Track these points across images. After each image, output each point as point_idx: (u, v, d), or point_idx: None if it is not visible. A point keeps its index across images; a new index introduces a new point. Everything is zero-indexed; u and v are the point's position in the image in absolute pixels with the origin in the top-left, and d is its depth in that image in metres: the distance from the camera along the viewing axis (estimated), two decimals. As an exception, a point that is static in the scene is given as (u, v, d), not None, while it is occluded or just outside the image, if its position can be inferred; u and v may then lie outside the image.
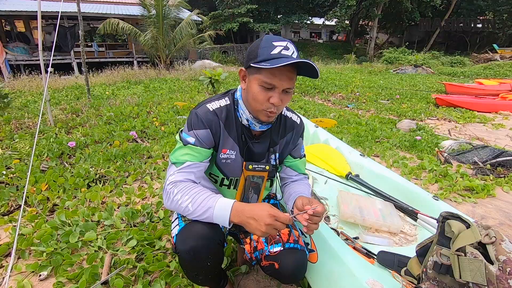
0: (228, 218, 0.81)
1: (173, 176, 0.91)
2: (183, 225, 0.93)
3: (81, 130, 3.23)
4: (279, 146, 1.10)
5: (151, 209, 1.83)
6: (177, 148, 0.96)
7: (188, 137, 0.94)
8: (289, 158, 1.15)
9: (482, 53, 19.84)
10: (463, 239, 0.71)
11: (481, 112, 5.34)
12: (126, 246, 1.53)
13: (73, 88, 6.39)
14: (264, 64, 0.81)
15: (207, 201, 0.83)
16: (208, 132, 0.95)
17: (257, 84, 0.87)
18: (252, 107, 0.93)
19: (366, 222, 1.39)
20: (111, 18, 12.37)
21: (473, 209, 1.97)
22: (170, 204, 0.88)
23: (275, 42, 0.85)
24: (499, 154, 2.62)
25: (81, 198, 1.94)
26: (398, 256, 1.13)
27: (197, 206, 0.83)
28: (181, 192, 0.86)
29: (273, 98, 0.87)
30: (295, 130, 1.12)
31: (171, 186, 0.89)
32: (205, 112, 0.97)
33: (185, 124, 0.99)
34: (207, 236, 0.89)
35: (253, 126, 0.99)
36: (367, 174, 1.81)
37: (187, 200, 0.84)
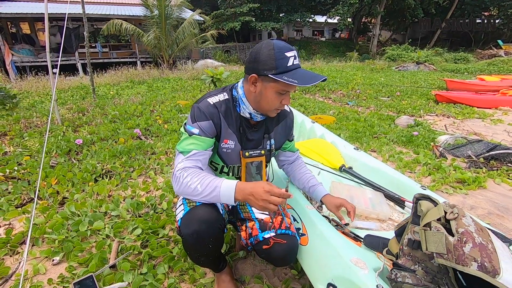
0: (233, 196, 0.90)
1: (182, 163, 1.00)
2: (188, 209, 1.03)
3: (87, 128, 3.35)
4: (275, 133, 1.23)
5: (155, 201, 1.94)
6: (183, 139, 1.06)
7: (193, 129, 1.04)
8: (287, 143, 1.34)
9: (487, 49, 19.67)
10: (430, 216, 0.80)
11: (481, 108, 5.37)
12: (132, 234, 1.64)
13: (78, 88, 6.54)
14: (291, 80, 0.94)
15: (214, 181, 0.92)
16: (211, 123, 1.06)
17: (273, 91, 1.00)
18: (264, 108, 1.06)
19: (356, 210, 1.47)
20: (115, 19, 12.52)
21: (463, 199, 2.05)
22: (180, 187, 0.95)
23: (287, 53, 0.96)
24: (492, 148, 2.68)
25: (89, 192, 2.05)
26: (383, 239, 1.22)
27: (205, 186, 0.91)
28: (190, 175, 0.95)
29: (285, 100, 1.04)
30: (288, 118, 1.29)
31: (181, 171, 0.98)
32: (207, 106, 1.07)
33: (188, 117, 1.10)
34: (209, 220, 0.99)
35: (255, 117, 1.12)
36: (360, 167, 1.89)
37: (196, 181, 0.93)
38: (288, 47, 0.98)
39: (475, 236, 0.71)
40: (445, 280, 0.80)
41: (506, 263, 0.67)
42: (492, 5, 22.21)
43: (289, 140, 1.33)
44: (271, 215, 1.17)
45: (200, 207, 1.02)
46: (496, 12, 22.53)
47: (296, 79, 0.94)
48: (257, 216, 1.18)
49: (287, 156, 1.39)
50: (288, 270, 1.43)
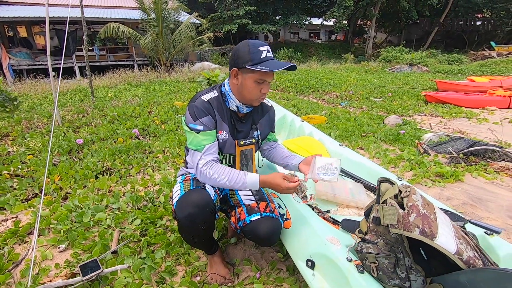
0: (257, 186, 1.17)
1: (203, 159, 1.19)
2: (183, 193, 1.17)
3: (87, 129, 3.47)
4: (260, 125, 1.40)
5: (153, 195, 2.07)
6: (192, 138, 1.21)
7: (197, 126, 1.20)
8: (271, 134, 1.51)
9: (480, 50, 20.00)
10: (387, 194, 0.94)
11: (469, 108, 5.55)
12: (131, 224, 1.77)
13: (76, 91, 6.65)
14: (263, 68, 1.11)
15: (240, 178, 1.15)
16: (210, 118, 1.22)
17: (252, 81, 1.17)
18: (246, 98, 1.22)
19: (337, 199, 1.62)
20: (112, 22, 12.64)
21: (441, 192, 2.20)
22: (208, 180, 1.17)
23: (260, 48, 1.14)
24: (472, 144, 2.83)
25: (90, 187, 2.18)
26: (358, 222, 1.36)
27: (233, 182, 1.15)
28: (217, 172, 1.15)
29: (264, 89, 1.19)
30: (271, 111, 1.47)
31: (206, 168, 1.17)
32: (202, 103, 1.22)
33: (188, 116, 1.23)
34: (202, 205, 1.14)
35: (242, 109, 1.28)
36: (344, 161, 2.03)
37: (224, 178, 1.14)
38: (261, 43, 1.16)
39: (420, 209, 0.85)
40: (400, 249, 0.94)
41: (443, 229, 0.81)
42: (485, 7, 22.60)
43: (272, 131, 1.50)
44: (257, 200, 1.31)
45: (194, 191, 1.16)
46: (489, 14, 22.92)
47: (267, 66, 1.11)
48: (245, 202, 1.32)
49: (270, 145, 1.55)
50: (274, 253, 1.56)
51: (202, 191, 1.17)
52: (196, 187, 1.19)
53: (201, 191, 1.17)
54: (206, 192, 1.17)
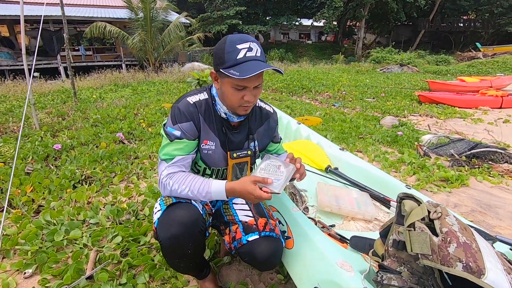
0: (225, 197, 0.96)
1: (166, 170, 1.00)
2: (164, 208, 0.98)
3: (67, 133, 3.22)
4: (258, 134, 1.19)
5: (136, 207, 1.86)
6: (164, 144, 1.03)
7: (174, 131, 1.01)
8: (272, 145, 1.28)
9: (466, 51, 20.42)
10: (414, 215, 0.78)
11: (462, 108, 5.52)
12: (111, 242, 1.56)
13: (59, 92, 6.33)
14: (233, 73, 0.88)
15: (203, 186, 0.95)
16: (191, 124, 1.02)
17: (229, 86, 0.95)
18: (228, 105, 1.02)
19: (342, 211, 1.46)
20: (98, 21, 12.26)
21: (447, 198, 2.07)
22: (169, 193, 0.99)
23: (239, 45, 0.91)
24: (474, 146, 2.74)
25: (66, 199, 1.95)
26: (369, 240, 1.20)
27: (196, 192, 0.95)
28: (177, 182, 0.96)
29: (246, 96, 0.95)
30: (271, 118, 1.23)
31: (166, 179, 0.99)
32: (186, 105, 1.03)
33: (169, 118, 1.05)
34: (188, 223, 0.95)
35: (232, 118, 1.07)
36: (345, 167, 1.89)
37: (185, 188, 0.96)
38: (242, 39, 0.92)
39: (459, 236, 0.69)
40: (430, 281, 0.78)
41: (490, 263, 0.65)
42: (470, 9, 23.10)
43: (274, 141, 1.28)
44: (255, 217, 1.13)
45: (179, 206, 0.97)
46: (474, 16, 23.44)
47: (241, 71, 0.87)
48: (241, 218, 1.14)
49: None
50: (274, 275, 1.39)
51: (188, 206, 0.98)
52: (180, 200, 1.00)
53: (187, 206, 0.98)
54: (193, 207, 0.99)
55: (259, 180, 0.91)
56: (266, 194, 0.92)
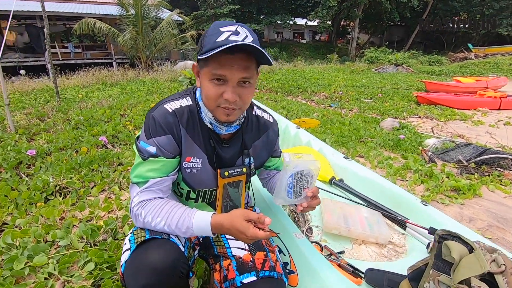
0: (210, 233, 0.76)
1: (137, 196, 0.80)
2: (134, 247, 0.76)
3: (45, 136, 2.96)
4: (254, 149, 0.98)
5: (115, 225, 1.63)
6: (137, 164, 0.82)
7: (148, 147, 0.80)
8: (272, 160, 1.08)
9: (458, 52, 20.59)
10: (467, 268, 0.58)
11: (461, 109, 5.42)
12: (82, 270, 1.33)
13: (43, 91, 6.01)
14: (207, 54, 0.69)
15: (183, 220, 0.76)
16: (170, 138, 0.81)
17: (207, 79, 0.75)
18: (207, 106, 0.81)
19: (351, 234, 1.26)
20: (87, 17, 11.87)
21: (461, 210, 1.90)
22: (143, 225, 0.80)
23: (223, 28, 0.72)
24: (482, 152, 2.58)
25: (35, 215, 1.71)
26: (388, 273, 1.01)
27: (174, 227, 0.76)
28: (150, 214, 0.77)
29: (226, 93, 0.74)
30: (271, 129, 1.02)
31: (137, 208, 0.79)
32: (164, 114, 0.81)
33: (142, 130, 0.83)
34: (164, 269, 0.72)
35: (218, 129, 0.86)
36: (351, 178, 1.69)
37: (161, 221, 0.77)
38: (229, 23, 0.74)
39: (540, 304, 0.50)
40: None
41: None
42: (462, 10, 23.29)
43: (274, 156, 1.08)
44: (252, 251, 0.92)
45: (152, 245, 0.75)
46: (466, 17, 23.64)
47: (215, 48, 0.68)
48: (234, 252, 0.93)
49: (271, 174, 1.14)
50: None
51: (165, 244, 0.76)
52: (154, 236, 0.78)
53: (163, 244, 0.76)
54: (170, 245, 0.77)
55: (253, 218, 0.71)
56: (264, 232, 0.72)
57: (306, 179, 0.85)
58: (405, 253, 1.22)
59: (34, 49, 14.90)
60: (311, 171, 0.84)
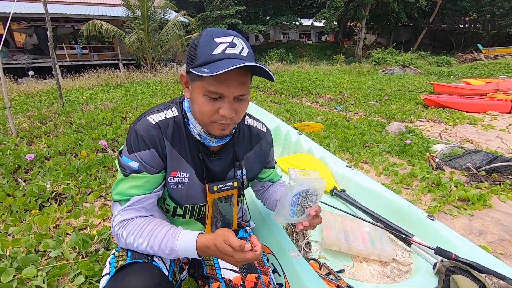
0: (196, 255, 0.71)
1: (119, 216, 0.75)
2: (113, 273, 0.71)
3: (45, 140, 2.94)
4: (246, 161, 0.93)
5: (108, 235, 1.59)
6: (119, 180, 0.77)
7: (130, 162, 0.75)
8: (266, 171, 1.03)
9: (467, 53, 20.20)
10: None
11: (470, 112, 5.26)
12: (72, 283, 1.29)
13: (48, 92, 6.05)
14: (203, 71, 0.62)
15: (166, 241, 0.71)
16: (153, 153, 0.76)
17: (201, 94, 0.69)
18: (200, 121, 0.76)
19: (352, 250, 1.19)
20: (94, 19, 11.99)
21: (470, 223, 1.80)
22: (125, 246, 0.75)
23: (217, 39, 0.66)
24: (493, 159, 2.47)
25: (29, 222, 1.68)
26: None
27: (157, 248, 0.71)
28: (132, 235, 0.73)
29: (222, 109, 0.70)
30: (264, 140, 0.96)
31: (119, 227, 0.74)
32: (146, 127, 0.76)
33: (124, 144, 0.78)
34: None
35: (208, 142, 0.81)
36: (354, 189, 1.62)
37: (143, 242, 0.72)
38: (223, 32, 0.68)
39: None
40: None
41: None
42: (471, 10, 22.87)
43: (267, 167, 1.02)
44: (242, 273, 0.86)
45: (130, 271, 0.70)
46: (475, 17, 23.20)
47: (210, 68, 0.63)
48: (223, 274, 0.87)
49: (265, 186, 1.08)
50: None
51: (145, 269, 0.71)
52: (135, 260, 0.72)
53: (142, 269, 0.71)
54: (152, 269, 0.72)
55: (233, 244, 0.64)
56: (253, 253, 0.66)
57: (311, 198, 0.79)
58: (409, 273, 1.14)
59: (42, 50, 15.13)
60: (317, 190, 0.79)
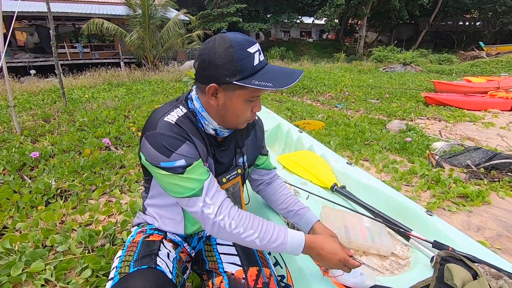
0: (299, 252, 0.80)
1: (210, 205, 0.76)
2: (117, 280, 0.73)
3: (49, 138, 2.98)
4: (246, 147, 1.00)
5: (114, 230, 1.62)
6: (176, 183, 0.77)
7: (175, 162, 0.75)
8: (260, 158, 1.09)
9: (469, 50, 20.13)
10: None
11: (471, 110, 5.28)
12: (79, 277, 1.33)
13: (50, 91, 6.09)
14: (266, 85, 0.71)
15: (277, 235, 0.79)
16: (188, 144, 0.78)
17: (242, 100, 0.77)
18: (231, 122, 0.83)
19: (352, 245, 1.22)
20: (95, 18, 12.01)
21: (468, 219, 1.83)
22: (228, 236, 0.78)
23: (249, 49, 0.73)
24: (492, 157, 2.50)
25: (35, 218, 1.72)
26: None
27: (267, 240, 0.78)
28: (242, 226, 0.77)
29: (256, 107, 0.83)
30: (257, 126, 1.05)
31: (222, 216, 0.77)
32: (169, 127, 0.77)
33: (153, 153, 0.76)
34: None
35: (222, 133, 0.88)
36: (354, 185, 1.65)
37: (253, 234, 0.77)
38: (249, 41, 0.74)
39: None
40: None
41: None
42: (473, 8, 22.74)
43: (262, 154, 1.09)
44: (244, 266, 0.89)
45: (135, 276, 0.72)
46: (477, 14, 23.09)
47: (269, 81, 0.72)
48: (226, 268, 0.90)
49: (261, 174, 1.12)
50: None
51: (150, 274, 0.73)
52: (139, 267, 0.74)
53: (148, 275, 0.73)
54: (156, 274, 0.74)
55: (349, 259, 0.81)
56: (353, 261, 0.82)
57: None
58: (408, 266, 1.17)
59: (43, 49, 15.16)
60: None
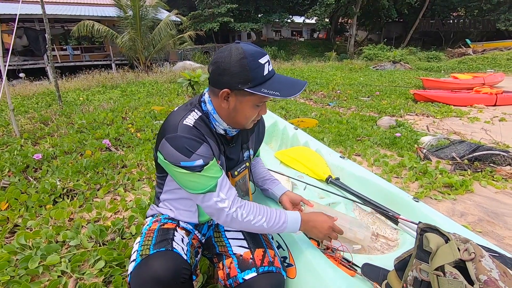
0: (298, 228, 0.97)
1: (225, 200, 0.89)
2: (139, 261, 0.84)
3: (49, 140, 3.03)
4: (251, 142, 1.13)
5: (122, 225, 1.71)
6: (194, 180, 0.87)
7: (195, 162, 0.85)
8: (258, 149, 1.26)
9: (456, 48, 20.60)
10: (442, 256, 0.66)
11: (457, 106, 5.49)
12: (93, 268, 1.41)
13: (44, 94, 6.08)
14: (274, 93, 0.84)
15: (279, 217, 0.94)
16: (206, 146, 0.89)
17: (251, 105, 0.90)
18: (240, 123, 0.95)
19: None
20: (86, 20, 11.91)
21: (452, 206, 1.98)
22: (239, 225, 0.92)
23: (260, 60, 0.84)
24: (475, 149, 2.66)
25: (45, 216, 1.79)
26: (384, 270, 1.08)
27: (272, 223, 0.93)
28: (252, 214, 0.91)
29: (262, 110, 0.96)
30: (260, 122, 1.19)
31: (235, 209, 0.90)
32: (188, 129, 0.88)
33: (174, 154, 0.85)
34: (168, 277, 0.79)
35: (231, 133, 1.00)
36: (347, 177, 1.77)
37: (261, 219, 0.92)
38: (260, 52, 0.86)
39: (501, 286, 0.57)
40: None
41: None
42: (459, 6, 23.29)
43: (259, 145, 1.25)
44: (251, 248, 1.00)
45: (156, 258, 0.83)
46: (464, 12, 23.65)
47: (276, 90, 0.85)
48: (234, 251, 1.00)
49: (254, 163, 1.30)
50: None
51: (168, 255, 0.83)
52: (158, 249, 0.85)
53: (166, 255, 0.83)
54: (173, 255, 0.84)
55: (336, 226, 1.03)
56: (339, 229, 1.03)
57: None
58: (396, 247, 1.29)
59: (33, 52, 14.94)
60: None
